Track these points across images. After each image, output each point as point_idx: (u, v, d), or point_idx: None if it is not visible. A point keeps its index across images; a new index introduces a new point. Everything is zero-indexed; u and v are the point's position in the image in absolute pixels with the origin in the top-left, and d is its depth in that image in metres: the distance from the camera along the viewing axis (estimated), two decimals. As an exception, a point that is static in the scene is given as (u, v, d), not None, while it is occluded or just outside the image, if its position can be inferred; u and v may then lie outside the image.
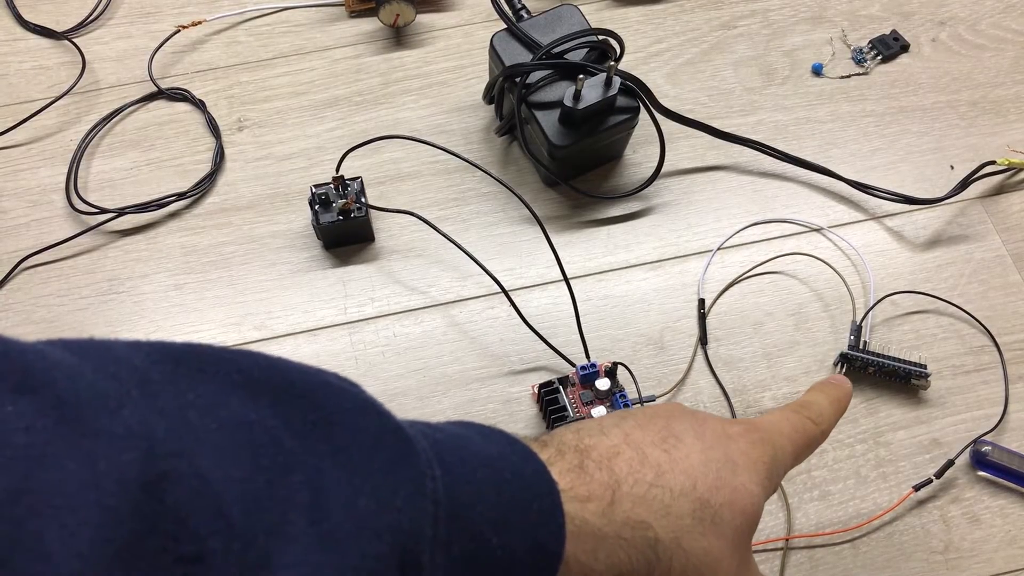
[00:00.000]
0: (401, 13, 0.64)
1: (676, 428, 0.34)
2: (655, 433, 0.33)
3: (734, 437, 0.35)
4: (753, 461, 0.34)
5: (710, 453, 0.33)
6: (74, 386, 0.21)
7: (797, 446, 0.37)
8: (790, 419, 0.38)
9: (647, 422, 0.34)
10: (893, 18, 0.67)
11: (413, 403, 0.53)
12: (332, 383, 0.26)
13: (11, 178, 0.60)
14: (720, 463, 0.33)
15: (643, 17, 0.67)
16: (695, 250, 0.58)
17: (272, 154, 0.61)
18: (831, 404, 0.40)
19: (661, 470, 0.32)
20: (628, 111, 0.56)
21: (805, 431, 0.38)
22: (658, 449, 0.32)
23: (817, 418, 0.38)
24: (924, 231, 0.59)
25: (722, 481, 0.32)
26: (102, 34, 0.66)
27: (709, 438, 0.34)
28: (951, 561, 0.49)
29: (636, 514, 0.30)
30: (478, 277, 0.56)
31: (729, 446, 0.34)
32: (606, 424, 0.33)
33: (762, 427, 0.36)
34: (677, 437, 0.33)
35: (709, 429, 0.35)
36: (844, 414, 0.40)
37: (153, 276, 0.57)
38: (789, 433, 0.37)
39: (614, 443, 0.32)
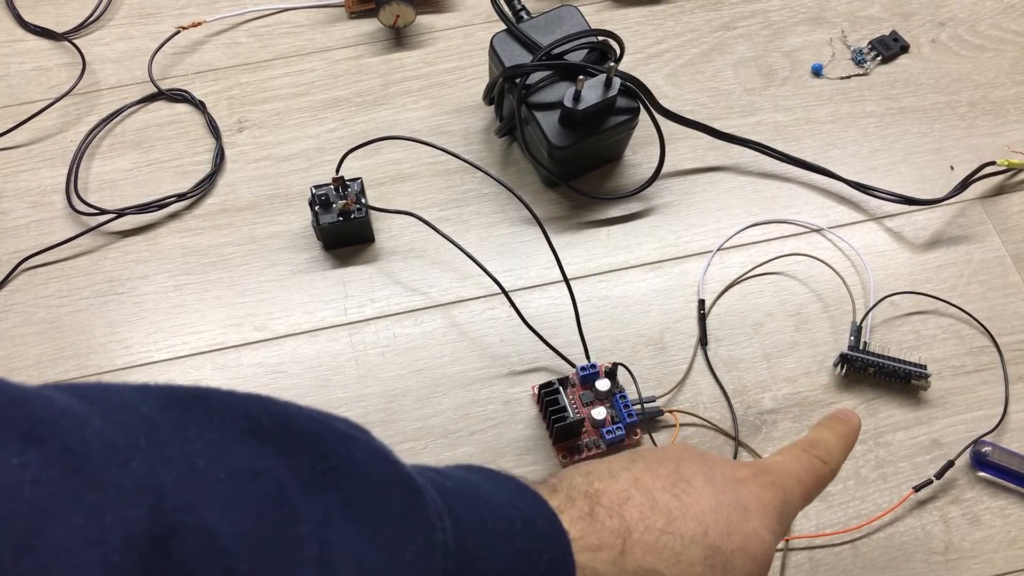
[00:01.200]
0: (401, 14, 0.64)
1: (686, 472, 0.33)
2: (665, 477, 0.33)
3: (744, 481, 0.35)
4: (764, 505, 0.34)
5: (721, 498, 0.33)
6: (82, 436, 0.21)
7: (807, 487, 0.37)
8: (800, 459, 0.37)
9: (657, 465, 0.33)
10: (893, 19, 0.67)
11: (413, 404, 0.53)
12: (341, 431, 0.26)
13: (11, 179, 0.60)
14: (731, 508, 0.33)
15: (643, 18, 0.67)
16: (695, 251, 0.58)
17: (272, 155, 0.61)
18: (839, 440, 0.39)
19: (672, 516, 0.31)
20: (628, 112, 0.56)
21: (815, 471, 0.37)
22: (668, 494, 0.32)
23: (826, 456, 0.38)
24: (924, 232, 0.59)
25: (733, 527, 0.32)
26: (102, 35, 0.66)
27: (719, 482, 0.34)
28: (951, 562, 0.49)
29: (647, 562, 0.30)
30: (478, 278, 0.56)
31: (739, 490, 0.34)
32: (615, 467, 0.33)
33: (772, 469, 0.36)
34: (687, 481, 0.33)
35: (719, 473, 0.34)
36: (852, 446, 0.40)
37: (153, 277, 0.57)
38: (799, 474, 0.37)
39: (624, 488, 0.32)
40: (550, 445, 0.52)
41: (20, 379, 0.52)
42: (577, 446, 0.51)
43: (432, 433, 0.52)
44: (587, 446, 0.51)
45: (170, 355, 0.54)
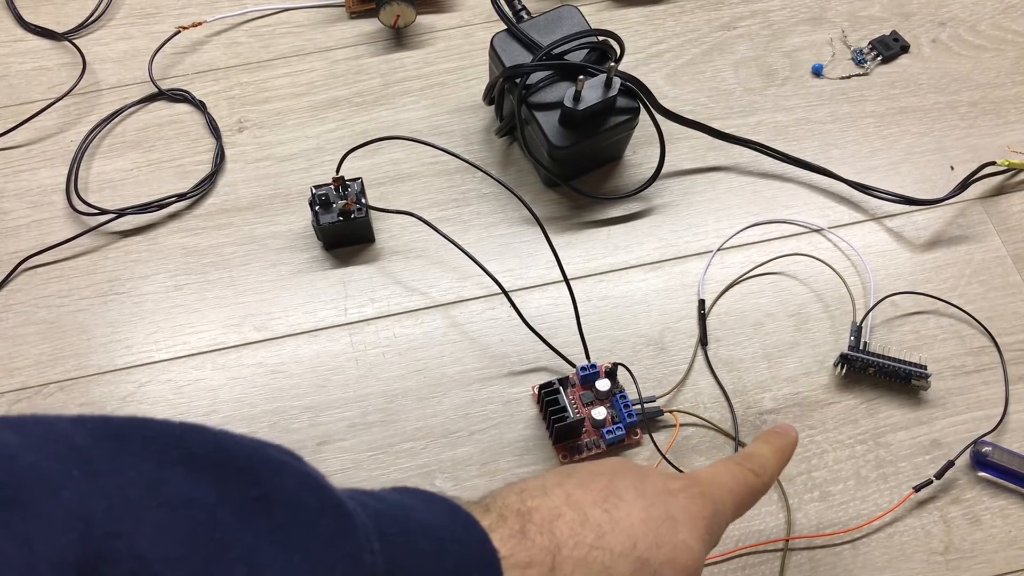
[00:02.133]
0: (401, 14, 0.64)
1: (618, 486, 0.34)
2: (597, 492, 0.33)
3: (675, 493, 0.35)
4: (693, 517, 0.34)
5: (651, 511, 0.33)
6: (12, 467, 0.21)
7: (738, 499, 0.38)
8: (732, 472, 0.38)
9: (589, 481, 0.34)
10: (893, 19, 0.67)
11: (413, 404, 0.53)
12: (273, 458, 0.27)
13: (11, 179, 0.60)
14: (661, 521, 0.33)
15: (643, 18, 0.67)
16: (695, 251, 0.58)
17: (272, 155, 0.61)
18: (774, 454, 0.40)
19: (602, 531, 0.32)
20: (628, 112, 0.56)
21: (746, 483, 0.38)
22: (599, 509, 0.33)
23: (759, 469, 0.39)
24: (924, 232, 0.59)
25: (662, 539, 0.33)
26: (102, 35, 0.66)
27: (651, 495, 0.34)
28: (951, 562, 0.49)
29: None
30: (478, 278, 0.56)
31: (670, 502, 0.34)
32: (549, 484, 0.34)
33: (703, 481, 0.37)
34: (619, 496, 0.34)
35: (651, 486, 0.35)
36: (789, 462, 0.41)
37: (153, 277, 0.57)
38: (731, 486, 0.37)
39: (556, 504, 0.32)
40: (550, 445, 0.52)
41: (21, 379, 0.52)
42: (577, 446, 0.51)
43: (432, 433, 0.52)
44: (587, 446, 0.51)
45: (170, 355, 0.54)
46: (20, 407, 0.52)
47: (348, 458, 0.51)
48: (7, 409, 0.52)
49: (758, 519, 0.50)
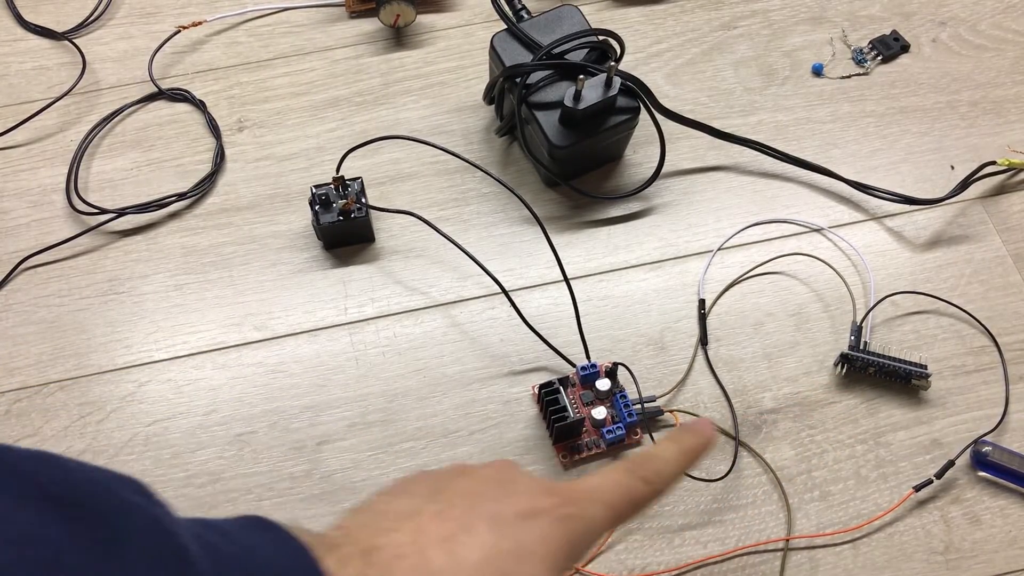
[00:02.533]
0: (401, 13, 0.64)
1: (476, 514, 0.33)
2: (450, 524, 0.33)
3: (538, 516, 0.34)
4: (548, 545, 0.33)
5: (500, 545, 0.33)
6: None
7: (618, 512, 0.36)
8: (618, 483, 0.37)
9: (449, 507, 0.34)
10: (893, 18, 0.67)
11: (413, 403, 0.53)
12: (125, 500, 0.27)
13: (11, 178, 0.60)
14: (507, 556, 0.32)
15: (643, 17, 0.67)
16: (695, 250, 0.58)
17: (272, 154, 0.61)
18: (678, 457, 0.39)
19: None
20: (628, 111, 0.56)
21: (631, 495, 0.37)
22: (443, 550, 0.32)
23: (653, 477, 0.37)
24: (924, 231, 0.59)
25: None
26: (102, 35, 0.66)
27: (507, 523, 0.33)
28: (951, 562, 0.49)
29: None
30: (478, 277, 0.56)
31: (527, 531, 0.33)
32: (404, 511, 0.33)
33: (578, 499, 0.36)
34: (470, 530, 0.33)
35: (514, 509, 0.34)
36: (695, 463, 0.39)
37: (153, 276, 0.57)
38: (612, 501, 0.36)
39: (400, 544, 0.32)
40: (550, 445, 0.52)
41: (21, 379, 0.52)
42: (577, 446, 0.51)
43: (432, 433, 0.52)
44: (587, 446, 0.51)
45: (170, 355, 0.54)
46: (20, 407, 0.52)
47: (348, 458, 0.51)
48: (8, 409, 0.52)
49: (758, 519, 0.50)
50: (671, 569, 0.48)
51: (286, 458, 0.51)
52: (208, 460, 0.51)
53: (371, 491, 0.50)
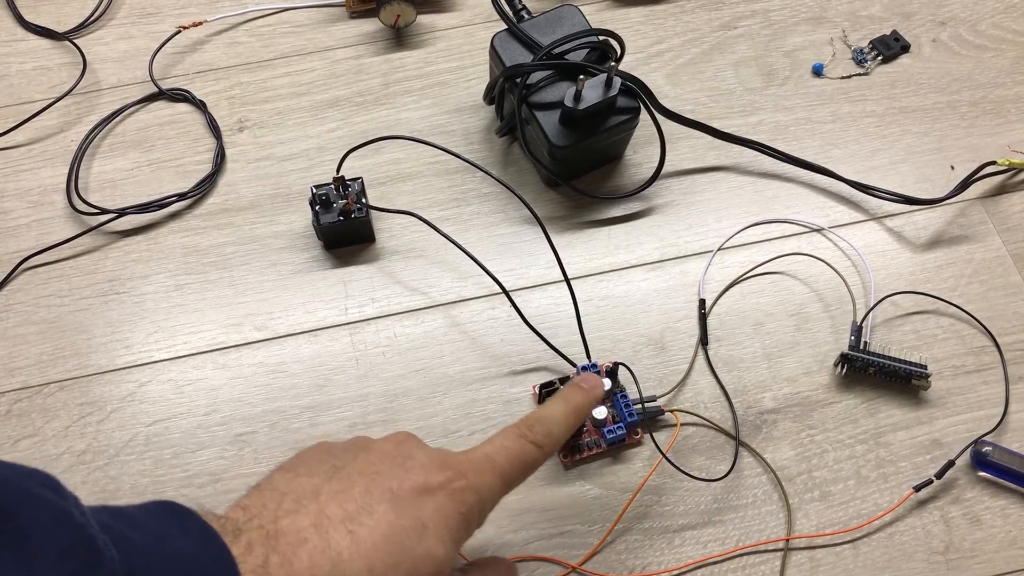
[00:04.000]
0: (402, 14, 0.64)
1: (374, 493, 0.35)
2: (350, 506, 0.34)
3: (435, 490, 0.36)
4: (446, 518, 0.35)
5: (399, 522, 0.34)
6: None
7: (510, 477, 0.38)
8: (509, 449, 0.38)
9: (348, 490, 0.35)
10: (894, 18, 0.67)
11: (413, 403, 0.53)
12: (30, 491, 0.27)
13: (12, 179, 0.60)
14: (406, 533, 0.34)
15: (644, 18, 0.67)
16: (696, 250, 0.58)
17: (273, 155, 0.61)
18: (567, 416, 0.40)
19: (340, 559, 0.32)
20: (628, 111, 0.56)
21: (523, 459, 0.38)
22: (344, 531, 0.33)
23: (543, 439, 0.39)
24: (925, 231, 0.59)
25: (404, 553, 0.33)
26: (103, 35, 0.66)
27: (405, 500, 0.35)
28: (952, 562, 0.49)
29: None
30: (479, 278, 0.56)
31: (424, 506, 0.35)
32: (307, 492, 0.34)
33: (471, 470, 0.37)
34: (369, 509, 0.34)
35: (410, 487, 0.35)
36: (583, 419, 0.40)
37: (154, 277, 0.57)
38: (502, 467, 0.38)
39: (303, 527, 0.33)
40: (551, 445, 0.52)
41: (21, 379, 0.52)
42: (578, 445, 0.51)
43: (432, 433, 0.52)
44: (588, 446, 0.51)
45: (170, 355, 0.54)
46: (21, 407, 0.52)
47: (348, 458, 0.51)
48: (8, 409, 0.52)
49: (758, 519, 0.50)
50: (671, 569, 0.48)
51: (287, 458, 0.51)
52: (209, 460, 0.51)
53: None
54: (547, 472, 0.51)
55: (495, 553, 0.49)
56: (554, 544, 0.49)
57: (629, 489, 0.50)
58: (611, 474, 0.51)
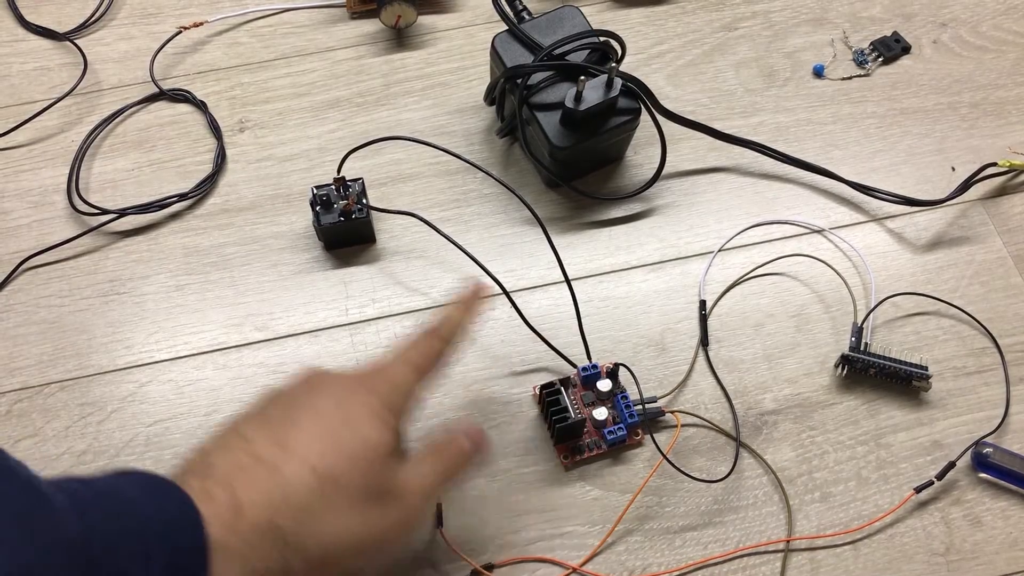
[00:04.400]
0: (403, 14, 0.64)
1: (294, 414, 0.37)
2: (273, 429, 0.37)
3: (352, 391, 0.39)
4: (372, 409, 0.38)
5: (326, 424, 0.37)
6: None
7: (422, 369, 0.42)
8: (418, 345, 0.42)
9: (268, 420, 0.37)
10: (894, 20, 0.67)
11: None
12: None
13: (13, 179, 0.60)
14: (336, 429, 0.37)
15: (644, 19, 0.67)
16: (696, 251, 0.58)
17: (273, 155, 0.61)
18: (462, 313, 0.44)
19: (276, 467, 0.35)
20: (629, 112, 0.56)
21: (433, 353, 0.42)
22: (274, 446, 0.36)
23: (448, 336, 0.43)
24: (925, 233, 0.59)
25: (340, 446, 0.36)
26: (104, 35, 0.66)
27: (325, 408, 0.38)
28: (952, 563, 0.49)
29: (260, 518, 0.34)
30: (479, 278, 0.56)
31: (348, 406, 0.38)
32: (230, 434, 0.37)
33: (380, 368, 0.41)
34: (294, 423, 0.37)
35: (326, 398, 0.38)
36: (476, 317, 0.45)
37: (154, 277, 0.57)
38: (413, 360, 0.42)
39: (234, 457, 0.35)
40: (551, 446, 0.52)
41: (22, 379, 0.52)
42: (579, 447, 0.51)
43: (434, 433, 0.52)
44: (588, 447, 0.51)
45: (171, 355, 0.54)
46: (21, 407, 0.52)
47: (349, 458, 0.51)
48: (8, 409, 0.52)
49: (759, 520, 0.50)
50: (672, 570, 0.48)
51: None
52: (209, 460, 0.51)
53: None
54: (548, 473, 0.51)
55: (496, 553, 0.49)
56: (555, 545, 0.49)
57: (630, 490, 0.50)
58: (612, 475, 0.51)
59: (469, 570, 0.48)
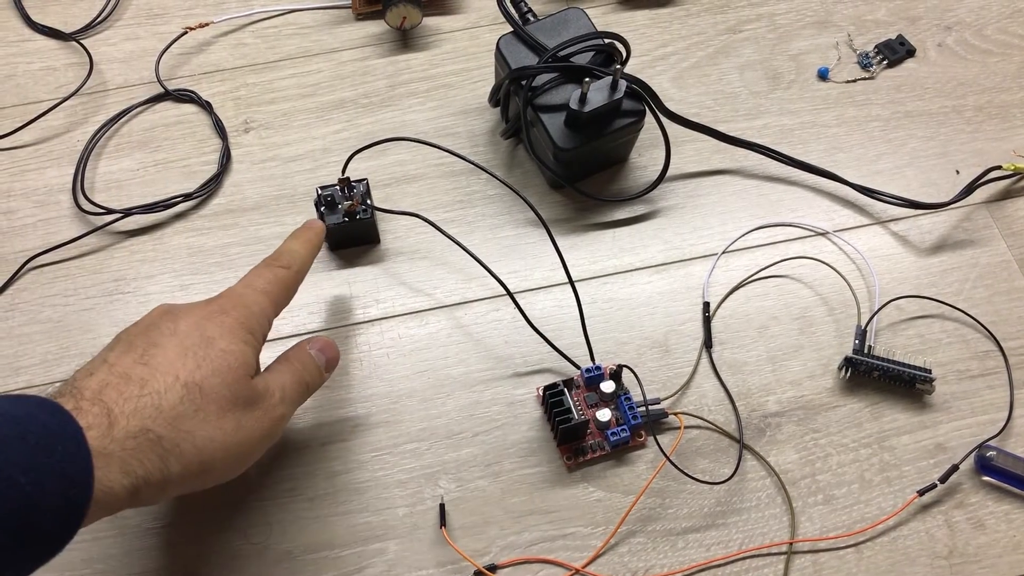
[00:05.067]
0: (408, 16, 0.64)
1: (154, 337, 0.40)
2: (137, 352, 0.39)
3: (208, 316, 0.42)
4: (228, 327, 0.41)
5: (186, 342, 0.40)
6: None
7: (273, 296, 0.45)
8: (262, 275, 0.46)
9: (129, 346, 0.40)
10: (899, 23, 0.67)
11: (417, 405, 0.53)
12: None
13: (18, 178, 0.60)
14: (196, 346, 0.40)
15: (649, 21, 0.67)
16: (700, 253, 0.58)
17: (278, 156, 0.61)
18: (303, 246, 0.49)
19: (144, 381, 0.37)
20: (634, 114, 0.56)
21: (278, 279, 0.46)
22: (139, 366, 0.38)
23: (289, 263, 0.47)
24: (929, 236, 0.59)
25: (201, 359, 0.39)
26: (109, 35, 0.66)
27: (184, 330, 0.40)
28: (955, 566, 0.49)
29: (133, 425, 0.36)
30: (483, 279, 0.56)
31: (204, 327, 0.41)
32: (95, 363, 0.39)
33: (232, 295, 0.44)
34: (156, 345, 0.39)
35: (184, 322, 0.41)
36: (319, 250, 0.50)
37: (159, 277, 0.57)
38: (263, 287, 0.45)
39: (101, 378, 0.38)
40: (554, 447, 0.52)
41: (26, 378, 0.53)
42: (582, 448, 0.51)
43: (436, 434, 0.52)
44: (592, 448, 0.51)
45: (175, 355, 0.54)
46: (26, 406, 0.52)
47: (352, 458, 0.51)
48: (13, 407, 0.52)
49: (762, 522, 0.50)
50: (675, 572, 0.48)
51: (290, 459, 0.51)
52: (213, 460, 0.51)
53: (375, 492, 0.50)
54: (550, 474, 0.51)
55: (498, 554, 0.49)
56: (557, 546, 0.49)
57: (632, 491, 0.50)
58: (615, 476, 0.51)
59: (472, 571, 0.48)
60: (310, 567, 0.48)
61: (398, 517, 0.50)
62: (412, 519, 0.50)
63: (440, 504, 0.49)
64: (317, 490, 0.50)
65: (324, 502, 0.50)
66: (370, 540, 0.49)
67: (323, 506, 0.50)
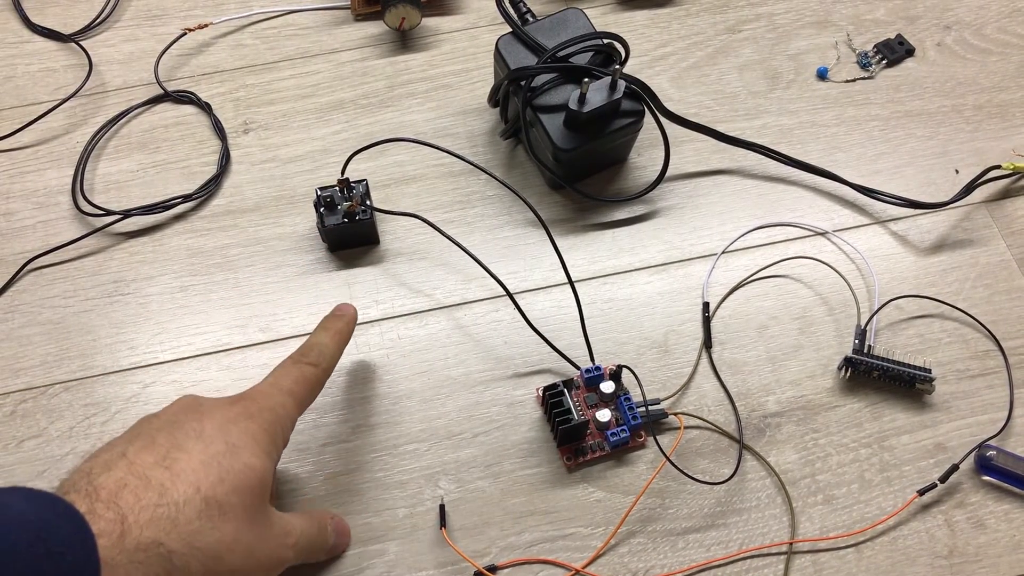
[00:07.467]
0: (407, 16, 0.64)
1: (179, 438, 0.38)
2: (159, 451, 0.37)
3: (235, 419, 0.40)
4: (253, 435, 0.40)
5: (211, 450, 0.38)
6: None
7: (299, 397, 0.44)
8: (290, 373, 0.44)
9: (152, 443, 0.38)
10: (898, 22, 0.67)
11: (417, 405, 0.53)
12: None
13: (18, 180, 0.60)
14: (221, 455, 0.38)
15: (648, 21, 0.67)
16: (699, 254, 0.58)
17: (278, 157, 0.61)
18: (333, 339, 0.47)
19: (164, 488, 0.36)
20: (633, 115, 0.56)
21: (305, 379, 0.44)
22: (160, 468, 0.36)
23: (317, 360, 0.45)
24: (929, 235, 0.59)
25: (224, 471, 0.37)
26: (109, 37, 0.66)
27: (210, 434, 0.39)
28: (956, 566, 0.49)
29: (146, 537, 0.34)
30: (483, 280, 0.56)
31: (230, 433, 0.39)
32: (114, 455, 0.37)
33: (259, 396, 0.42)
34: (180, 448, 0.38)
35: (210, 424, 0.39)
36: (350, 339, 0.48)
37: (158, 278, 0.57)
38: (289, 388, 0.43)
39: (120, 476, 0.36)
40: (554, 447, 0.52)
41: (26, 379, 0.53)
42: (581, 448, 0.51)
43: (436, 435, 0.52)
44: (591, 448, 0.51)
45: (175, 356, 0.54)
46: (26, 407, 0.52)
47: (352, 459, 0.51)
48: (13, 409, 0.52)
49: (762, 522, 0.50)
50: (675, 572, 0.48)
51: (290, 460, 0.51)
52: (212, 461, 0.51)
53: (375, 493, 0.50)
54: (550, 475, 0.51)
55: (498, 554, 0.49)
56: (557, 547, 0.49)
57: (632, 492, 0.50)
58: (614, 477, 0.51)
59: (471, 571, 0.48)
60: (310, 567, 0.48)
61: (398, 518, 0.50)
62: (412, 520, 0.50)
63: (440, 505, 0.50)
64: (317, 492, 0.50)
65: (324, 503, 0.50)
66: (370, 541, 0.49)
67: (323, 507, 0.50)
